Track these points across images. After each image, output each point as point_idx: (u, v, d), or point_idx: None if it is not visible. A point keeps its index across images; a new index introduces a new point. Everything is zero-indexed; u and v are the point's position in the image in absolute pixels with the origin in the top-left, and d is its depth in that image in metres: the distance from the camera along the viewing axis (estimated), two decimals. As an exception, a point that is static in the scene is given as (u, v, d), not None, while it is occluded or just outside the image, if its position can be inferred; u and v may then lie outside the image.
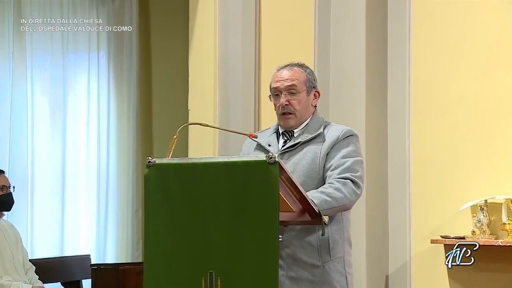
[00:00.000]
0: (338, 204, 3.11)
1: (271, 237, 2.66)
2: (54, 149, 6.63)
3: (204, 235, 2.77)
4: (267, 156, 2.69)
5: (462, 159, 4.79)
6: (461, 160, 4.79)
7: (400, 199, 5.01)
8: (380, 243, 5.09)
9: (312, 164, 3.25)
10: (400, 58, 5.06)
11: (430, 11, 5.00)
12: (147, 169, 2.91)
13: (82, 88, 6.75)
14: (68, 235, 6.61)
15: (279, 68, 3.40)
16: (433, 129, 4.93)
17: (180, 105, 6.62)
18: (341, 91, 5.23)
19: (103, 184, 6.71)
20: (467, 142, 4.79)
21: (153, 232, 2.88)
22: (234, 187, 2.74)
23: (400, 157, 5.03)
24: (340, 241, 3.27)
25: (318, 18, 5.45)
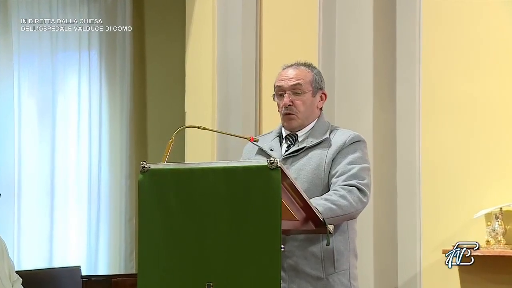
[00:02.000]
0: (343, 212, 3.11)
1: (273, 247, 2.66)
2: (43, 154, 6.63)
3: (202, 245, 2.77)
4: (269, 161, 2.69)
5: (476, 164, 4.79)
6: (475, 166, 4.79)
7: (410, 207, 5.01)
8: (389, 254, 5.08)
9: (317, 170, 3.25)
10: (410, 58, 5.06)
11: (442, 7, 5.00)
12: (141, 175, 2.91)
13: (72, 89, 6.76)
14: (57, 245, 6.61)
15: (285, 67, 3.41)
16: (445, 133, 4.93)
17: (176, 107, 6.62)
18: (347, 93, 5.23)
19: (95, 191, 6.71)
20: (481, 146, 4.79)
21: (147, 242, 2.88)
22: (233, 194, 2.74)
23: (410, 163, 5.02)
24: (346, 253, 3.27)
25: (322, 15, 5.45)
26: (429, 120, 4.99)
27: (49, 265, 6.48)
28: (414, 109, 5.04)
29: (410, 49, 5.08)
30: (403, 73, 5.12)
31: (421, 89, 5.03)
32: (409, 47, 5.09)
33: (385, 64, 5.16)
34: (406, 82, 5.10)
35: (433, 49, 5.01)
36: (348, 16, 5.27)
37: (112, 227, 6.72)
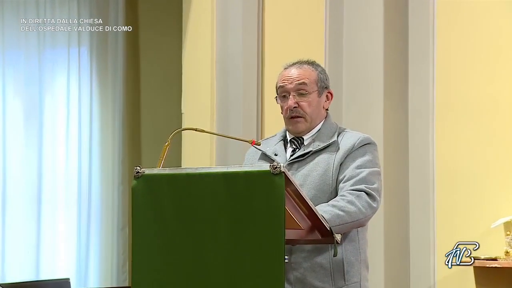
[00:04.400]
0: (351, 219, 3.11)
1: (276, 258, 2.65)
2: (29, 158, 6.63)
3: (200, 257, 2.77)
4: (272, 166, 2.69)
5: (494, 170, 4.79)
6: (493, 171, 4.79)
7: (423, 215, 5.01)
8: (400, 266, 5.08)
9: (324, 176, 3.25)
10: (423, 53, 5.06)
11: (457, 2, 5.00)
12: (135, 181, 2.91)
13: (61, 89, 6.75)
14: (44, 255, 6.61)
15: (287, 66, 3.41)
16: (461, 135, 4.92)
17: (172, 108, 6.62)
18: (355, 92, 5.23)
19: (85, 198, 6.70)
20: (499, 150, 4.78)
21: (141, 252, 2.88)
22: (234, 201, 2.74)
23: (423, 167, 5.03)
24: (356, 264, 3.26)
25: (329, 8, 5.46)
26: (444, 121, 4.99)
27: (36, 278, 6.48)
28: (427, 109, 5.04)
29: (423, 44, 5.08)
30: (416, 70, 5.12)
31: (435, 88, 5.03)
32: (422, 41, 5.09)
33: (397, 60, 5.16)
34: (419, 80, 5.10)
35: (448, 44, 5.01)
36: (357, 9, 5.27)
37: (103, 236, 6.72)
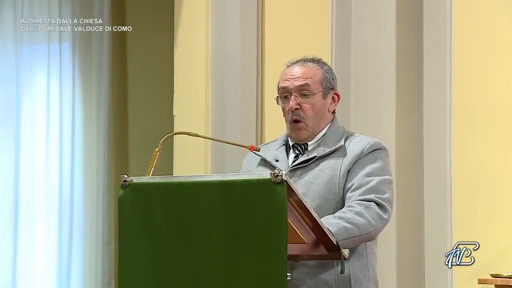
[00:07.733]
0: (360, 232, 3.12)
1: (278, 275, 2.66)
2: (5, 166, 6.63)
3: (194, 274, 2.77)
4: (272, 173, 2.69)
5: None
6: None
7: (439, 228, 5.01)
8: (415, 284, 5.08)
9: (330, 183, 3.25)
10: (439, 51, 5.07)
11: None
12: (122, 190, 2.92)
13: (40, 89, 6.75)
14: (21, 272, 6.61)
15: (290, 64, 3.41)
16: (481, 141, 4.93)
17: (163, 111, 6.63)
18: (364, 93, 5.24)
19: (66, 208, 6.70)
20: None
21: (129, 269, 2.88)
22: (231, 212, 2.74)
23: (440, 176, 5.03)
24: (364, 281, 3.27)
25: (336, 2, 5.47)
26: (462, 124, 4.99)
27: (12, 297, 6.48)
28: (444, 112, 5.05)
29: (439, 40, 5.09)
30: (432, 69, 5.12)
31: (452, 88, 5.04)
32: (439, 37, 5.09)
33: (410, 58, 5.17)
34: (435, 80, 5.11)
35: (467, 40, 5.01)
36: (367, 1, 5.28)
37: (87, 252, 6.72)
